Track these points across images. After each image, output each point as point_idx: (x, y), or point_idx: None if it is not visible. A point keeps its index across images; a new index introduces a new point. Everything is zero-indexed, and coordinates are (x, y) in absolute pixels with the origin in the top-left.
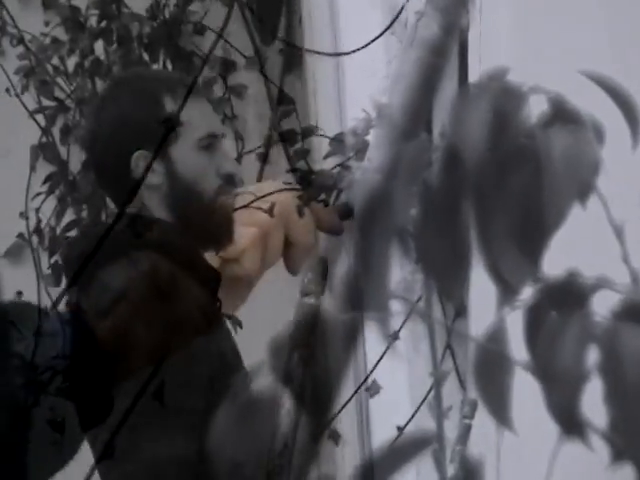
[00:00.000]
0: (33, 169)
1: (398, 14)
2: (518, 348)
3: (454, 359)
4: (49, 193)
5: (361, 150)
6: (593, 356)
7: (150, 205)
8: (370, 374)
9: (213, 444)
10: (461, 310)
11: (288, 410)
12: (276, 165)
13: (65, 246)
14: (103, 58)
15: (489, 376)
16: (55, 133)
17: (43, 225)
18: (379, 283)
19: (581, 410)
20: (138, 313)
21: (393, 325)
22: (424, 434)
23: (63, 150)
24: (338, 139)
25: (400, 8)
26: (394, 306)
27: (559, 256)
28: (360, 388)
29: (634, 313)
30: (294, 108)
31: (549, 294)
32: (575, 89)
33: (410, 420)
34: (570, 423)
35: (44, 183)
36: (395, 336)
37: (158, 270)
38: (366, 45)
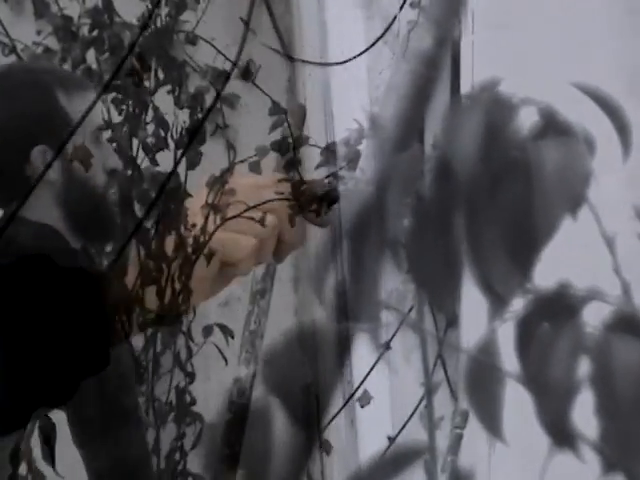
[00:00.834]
0: None
1: (390, 24)
2: (509, 359)
3: (445, 370)
4: None
5: (353, 160)
6: (584, 367)
7: (41, 203)
8: (361, 384)
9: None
10: (452, 321)
11: (279, 420)
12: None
13: None
14: (95, 67)
15: (480, 387)
16: None
17: None
18: (370, 293)
19: (572, 421)
20: None
21: (384, 335)
22: (415, 444)
23: None
24: (330, 149)
25: (392, 18)
26: (385, 317)
27: (550, 267)
28: (351, 398)
29: (625, 325)
30: (285, 118)
31: (540, 305)
32: (565, 100)
33: (401, 430)
34: (561, 434)
35: None
36: (386, 346)
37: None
38: (358, 55)
